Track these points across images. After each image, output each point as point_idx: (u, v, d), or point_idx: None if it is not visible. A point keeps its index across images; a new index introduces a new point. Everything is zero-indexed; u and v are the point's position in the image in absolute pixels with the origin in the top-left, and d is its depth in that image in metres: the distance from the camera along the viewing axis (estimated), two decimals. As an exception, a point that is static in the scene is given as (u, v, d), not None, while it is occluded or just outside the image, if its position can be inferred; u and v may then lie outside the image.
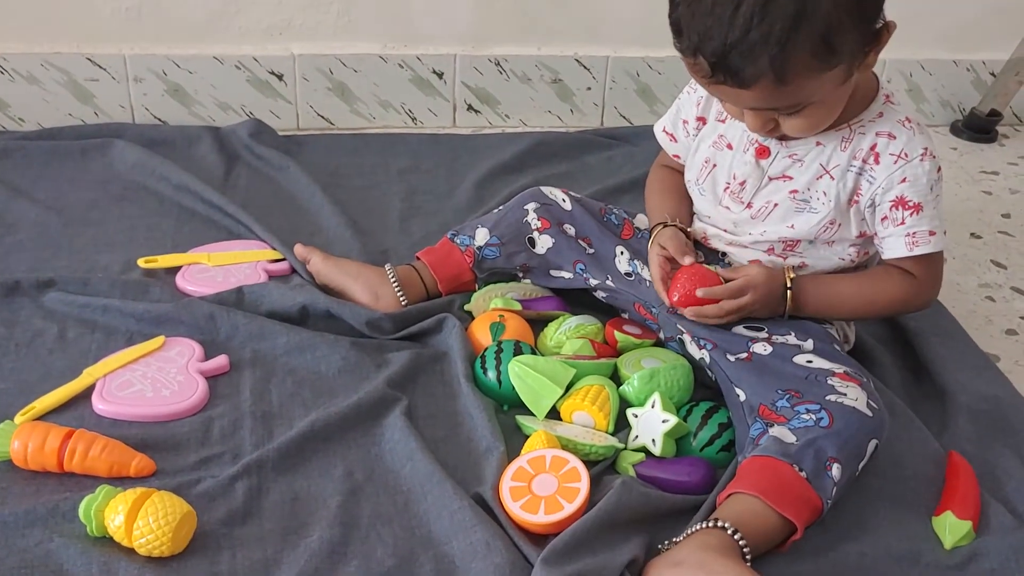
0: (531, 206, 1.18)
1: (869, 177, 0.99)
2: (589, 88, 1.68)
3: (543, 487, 0.87)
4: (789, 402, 0.94)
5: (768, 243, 1.05)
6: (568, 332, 1.09)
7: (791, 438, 0.89)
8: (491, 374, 1.02)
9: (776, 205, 1.03)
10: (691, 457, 0.95)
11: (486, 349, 1.05)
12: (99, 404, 0.97)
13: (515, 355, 1.02)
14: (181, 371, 1.02)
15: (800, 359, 0.99)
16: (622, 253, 1.15)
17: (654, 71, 1.67)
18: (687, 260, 1.05)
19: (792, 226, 1.03)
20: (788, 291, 1.03)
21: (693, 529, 0.85)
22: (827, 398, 0.93)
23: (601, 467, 0.94)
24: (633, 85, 1.68)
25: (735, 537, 0.83)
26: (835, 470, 0.88)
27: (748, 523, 0.84)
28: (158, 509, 0.81)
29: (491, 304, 1.13)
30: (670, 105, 1.16)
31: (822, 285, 1.04)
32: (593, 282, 1.15)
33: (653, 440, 0.94)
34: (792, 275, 1.03)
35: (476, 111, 1.66)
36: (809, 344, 1.01)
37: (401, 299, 1.13)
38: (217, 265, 1.19)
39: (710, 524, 0.84)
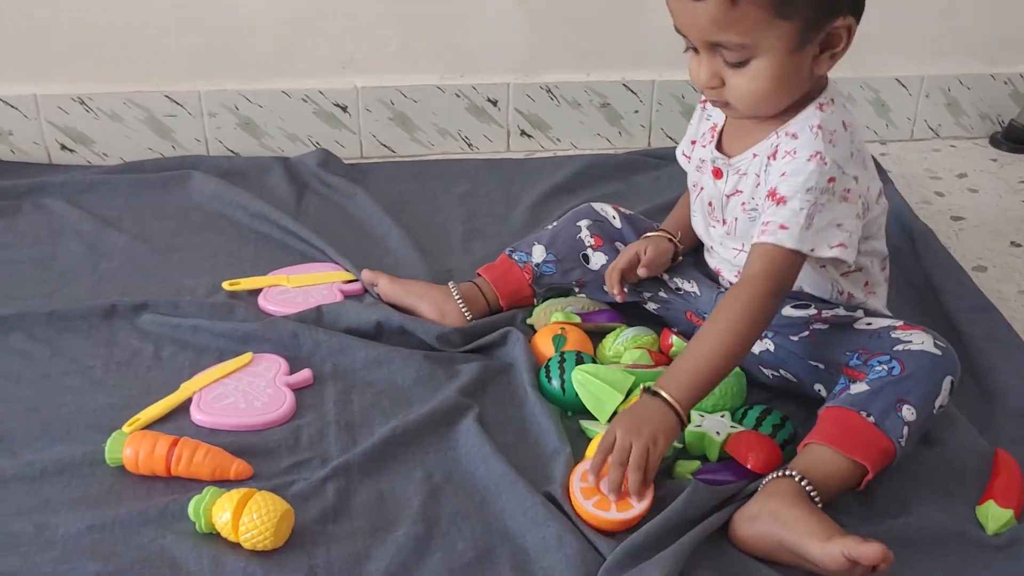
0: (584, 223, 1.25)
1: (767, 172, 1.02)
2: (636, 111, 1.74)
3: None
4: (860, 359, 1.01)
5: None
6: (626, 343, 1.16)
7: (864, 388, 0.97)
8: (555, 382, 1.09)
9: (737, 220, 1.08)
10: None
11: (550, 359, 1.12)
12: (197, 415, 1.06)
13: (577, 364, 1.09)
14: (269, 384, 1.10)
15: (859, 324, 1.05)
16: (661, 274, 1.21)
17: (698, 93, 1.72)
18: (642, 272, 1.15)
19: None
20: (652, 393, 0.95)
21: (765, 481, 0.93)
22: (895, 348, 0.99)
23: (661, 467, 1.00)
24: (679, 107, 1.74)
25: (802, 484, 0.91)
26: (906, 411, 0.95)
27: (816, 469, 0.92)
28: (261, 507, 0.89)
29: (552, 318, 1.20)
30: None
31: (683, 361, 0.97)
32: (646, 295, 1.22)
33: (717, 432, 1.01)
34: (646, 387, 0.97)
35: (529, 136, 1.74)
36: (860, 313, 1.07)
37: (466, 314, 1.21)
38: (296, 287, 1.28)
39: (779, 474, 0.92)
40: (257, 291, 1.28)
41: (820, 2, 0.93)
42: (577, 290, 1.25)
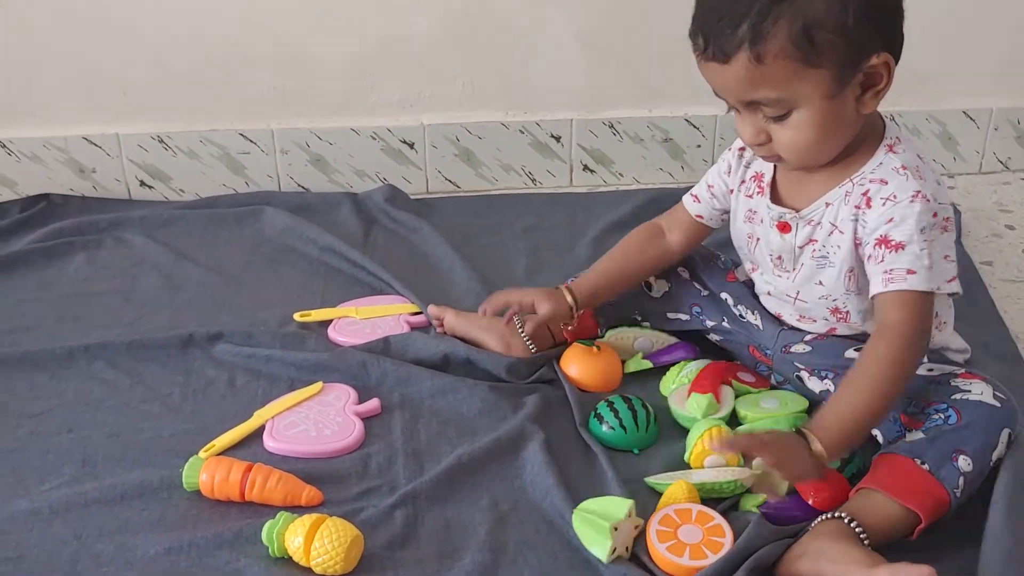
0: None
1: (863, 222, 1.00)
2: (699, 146, 1.75)
3: (688, 536, 0.93)
4: (917, 406, 1.00)
5: (823, 309, 1.08)
6: (689, 375, 1.16)
7: (920, 436, 0.95)
8: (606, 427, 1.09)
9: (803, 266, 1.07)
10: (811, 490, 1.00)
11: (599, 404, 1.12)
12: (270, 442, 1.09)
13: (628, 407, 1.09)
14: (339, 413, 1.13)
15: (920, 369, 1.03)
16: (726, 299, 1.21)
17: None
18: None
19: (820, 282, 1.06)
20: (806, 438, 0.93)
21: (815, 523, 0.93)
22: (953, 397, 0.98)
23: (730, 503, 1.01)
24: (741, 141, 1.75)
25: (851, 524, 0.90)
26: (962, 462, 0.94)
27: (867, 514, 0.91)
28: (332, 532, 0.91)
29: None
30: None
31: (830, 406, 0.96)
32: (709, 323, 1.22)
33: None
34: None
35: (592, 171, 1.75)
36: (924, 358, 1.04)
37: (530, 347, 1.23)
38: (364, 318, 1.31)
39: (828, 516, 0.92)
40: (327, 322, 1.31)
41: (849, 45, 0.92)
42: (640, 319, 1.26)
